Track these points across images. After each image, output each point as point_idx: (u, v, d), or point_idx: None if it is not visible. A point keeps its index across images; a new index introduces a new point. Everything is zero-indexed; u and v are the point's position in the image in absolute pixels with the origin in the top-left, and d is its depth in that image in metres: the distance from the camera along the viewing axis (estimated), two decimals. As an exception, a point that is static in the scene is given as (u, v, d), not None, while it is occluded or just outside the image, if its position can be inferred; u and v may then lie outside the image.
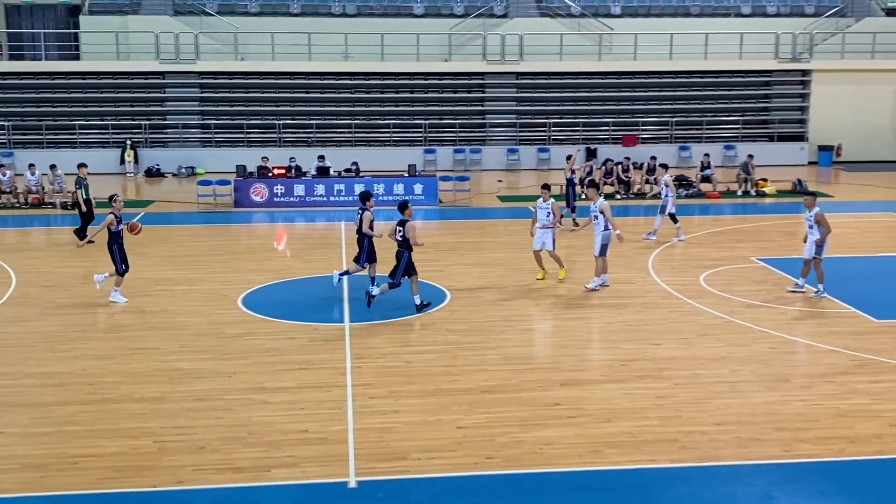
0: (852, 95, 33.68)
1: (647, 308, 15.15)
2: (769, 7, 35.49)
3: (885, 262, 18.44)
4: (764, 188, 27.16)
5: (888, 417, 10.55)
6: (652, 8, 35.25)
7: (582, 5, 34.55)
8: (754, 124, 34.52)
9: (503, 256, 18.98)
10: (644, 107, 34.32)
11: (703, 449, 9.77)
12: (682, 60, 33.43)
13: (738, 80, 34.61)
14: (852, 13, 35.10)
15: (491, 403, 11.01)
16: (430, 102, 33.81)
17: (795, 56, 33.80)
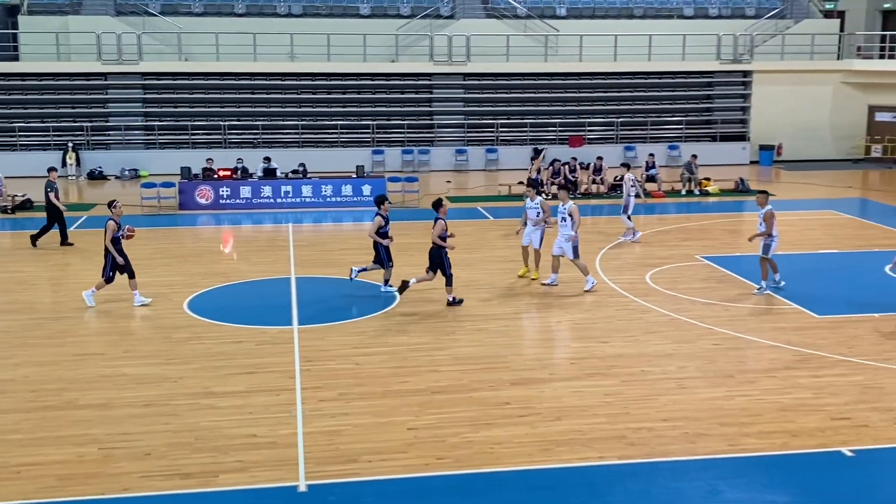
0: (792, 96, 34.39)
1: (595, 307, 15.30)
2: (711, 9, 36.08)
3: (825, 259, 18.87)
4: (707, 187, 27.60)
5: (829, 411, 10.79)
6: (596, 10, 35.60)
7: (527, 7, 34.76)
8: (697, 124, 35.06)
9: (452, 257, 18.98)
10: (590, 107, 34.64)
11: (650, 445, 9.90)
12: (626, 62, 33.82)
13: (682, 81, 35.12)
14: (791, 15, 35.84)
15: (441, 404, 11.02)
16: (378, 103, 33.74)
17: (737, 57, 34.42)
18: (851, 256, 19.01)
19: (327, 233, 22.67)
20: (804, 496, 8.86)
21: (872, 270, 17.67)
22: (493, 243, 20.46)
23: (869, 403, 11.01)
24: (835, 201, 25.85)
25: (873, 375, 11.98)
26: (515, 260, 18.60)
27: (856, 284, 16.82)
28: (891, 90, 33.93)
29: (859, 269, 17.83)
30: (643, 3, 36.00)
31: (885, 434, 10.16)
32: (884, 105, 34.38)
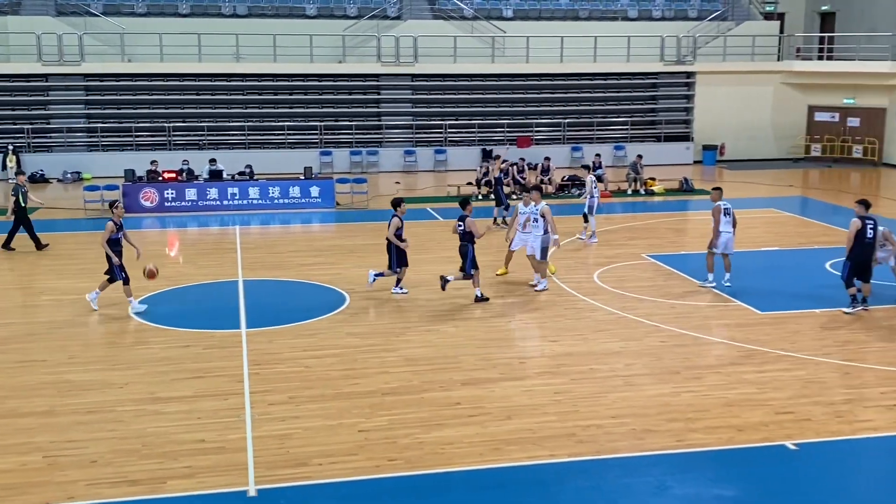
0: (734, 96, 35.02)
1: (544, 306, 15.41)
2: (654, 11, 36.58)
3: (767, 256, 19.24)
4: (652, 187, 27.98)
5: (773, 405, 11.02)
6: (542, 11, 35.87)
7: (474, 8, 34.88)
8: (642, 125, 35.52)
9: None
10: (537, 108, 34.88)
11: (599, 442, 10.00)
12: (572, 63, 34.11)
13: (627, 83, 35.54)
14: (733, 17, 36.49)
15: (392, 405, 11.01)
16: (325, 104, 33.56)
17: (680, 59, 34.95)
18: (793, 254, 19.42)
19: (275, 235, 22.49)
20: (750, 490, 9.03)
21: (813, 267, 18.07)
22: (444, 244, 20.48)
23: (811, 398, 11.26)
24: (776, 200, 26.38)
25: (815, 370, 12.26)
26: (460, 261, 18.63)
27: (797, 281, 17.19)
28: (829, 90, 34.75)
29: (800, 266, 18.22)
30: (588, 5, 36.36)
31: (827, 428, 10.40)
32: (822, 105, 35.19)
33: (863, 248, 14.76)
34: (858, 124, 34.60)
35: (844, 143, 34.86)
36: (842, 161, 34.47)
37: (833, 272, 17.41)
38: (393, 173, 32.01)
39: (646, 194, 27.61)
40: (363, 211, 24.78)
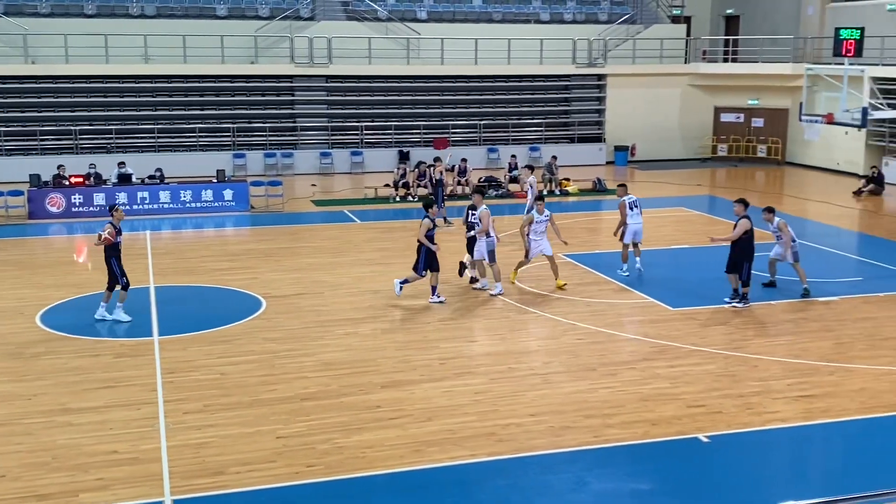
0: (644, 98, 35.78)
1: (462, 307, 15.48)
2: (566, 14, 37.11)
3: (677, 254, 19.72)
4: (567, 187, 28.39)
5: (686, 399, 11.30)
6: (456, 14, 36.03)
7: (388, 9, 34.83)
8: (556, 126, 35.99)
9: (319, 261, 18.85)
10: (453, 110, 35.02)
11: (519, 440, 10.10)
12: (486, 65, 34.36)
13: (540, 85, 35.97)
14: (641, 20, 37.28)
15: (311, 411, 10.91)
16: (238, 106, 33.04)
17: (591, 61, 35.54)
18: (701, 251, 19.93)
19: (187, 240, 22.04)
20: (665, 482, 9.24)
21: (721, 264, 18.55)
22: (361, 246, 20.40)
23: (721, 391, 11.58)
24: (685, 199, 27.05)
25: (724, 364, 12.62)
26: (383, 263, 18.61)
27: (706, 278, 17.66)
28: (734, 92, 35.81)
29: (709, 263, 18.70)
30: (501, 8, 36.68)
31: (737, 420, 10.71)
32: (728, 106, 36.24)
33: (751, 245, 15.27)
34: (762, 125, 35.75)
35: (749, 142, 35.97)
36: (747, 160, 35.56)
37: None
38: (309, 175, 31.72)
39: (560, 194, 27.99)
40: (278, 214, 24.48)
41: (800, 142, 32.89)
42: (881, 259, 19.08)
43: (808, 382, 11.88)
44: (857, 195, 27.73)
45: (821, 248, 20.21)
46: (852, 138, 30.83)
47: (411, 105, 34.55)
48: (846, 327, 14.31)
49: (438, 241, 15.64)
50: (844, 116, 19.59)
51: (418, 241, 15.59)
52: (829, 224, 23.38)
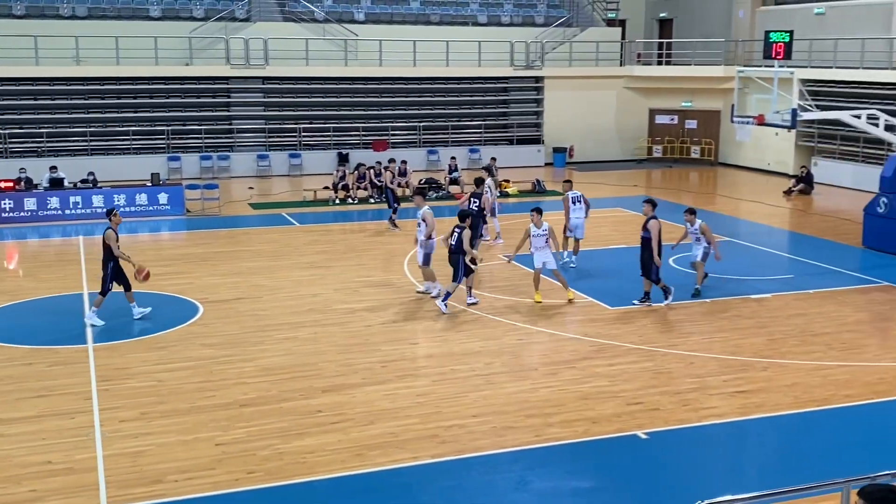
0: (581, 100, 36.17)
1: (403, 309, 15.45)
2: (503, 17, 37.34)
3: (615, 254, 19.96)
4: (507, 189, 28.54)
5: (625, 397, 11.44)
6: (394, 15, 35.98)
7: (325, 11, 34.63)
8: (495, 128, 36.17)
9: (257, 265, 18.64)
10: (392, 111, 34.97)
11: (462, 441, 10.11)
12: (425, 67, 34.37)
13: (479, 87, 36.12)
14: (577, 23, 37.69)
15: (250, 417, 10.77)
16: (172, 108, 32.51)
17: (529, 63, 35.81)
18: (639, 251, 20.18)
19: (121, 244, 21.55)
20: (605, 479, 9.35)
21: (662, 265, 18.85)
22: (301, 249, 20.24)
23: (659, 388, 11.76)
24: (622, 199, 27.42)
25: (662, 361, 12.82)
26: (323, 266, 18.50)
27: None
28: (668, 94, 36.43)
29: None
30: (439, 10, 36.75)
31: (675, 416, 10.88)
32: (662, 108, 36.84)
33: (660, 245, 15.53)
34: (696, 126, 36.43)
35: (683, 144, 36.61)
36: (681, 161, 36.19)
37: (677, 267, 18.25)
38: (246, 178, 31.35)
39: (500, 196, 28.08)
40: (215, 218, 24.14)
41: (732, 143, 33.58)
42: (811, 257, 19.59)
43: (742, 378, 12.13)
44: (788, 194, 28.43)
45: (753, 247, 20.68)
46: (782, 139, 31.61)
47: (350, 107, 34.40)
48: (778, 324, 14.65)
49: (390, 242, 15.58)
50: (775, 118, 20.06)
51: (452, 254, 15.30)
52: (761, 223, 23.93)
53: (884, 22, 29.71)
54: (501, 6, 37.96)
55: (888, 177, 19.92)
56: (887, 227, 19.77)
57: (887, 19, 29.54)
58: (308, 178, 30.60)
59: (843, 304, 15.83)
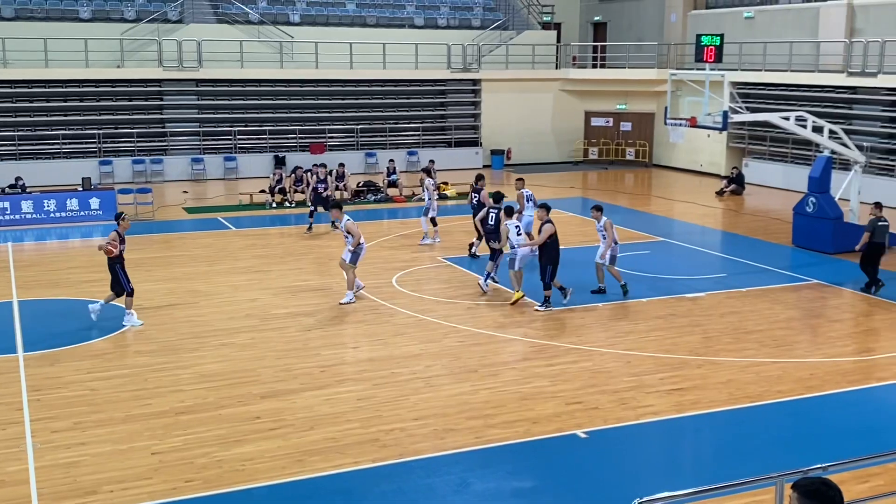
0: (517, 103, 36.42)
1: (343, 313, 15.36)
2: (440, 20, 37.41)
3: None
4: (445, 191, 28.58)
5: (564, 397, 11.54)
6: (330, 18, 35.78)
7: (260, 12, 34.29)
8: (433, 131, 36.22)
9: (193, 271, 18.36)
10: (329, 114, 34.74)
11: (403, 445, 10.09)
12: (362, 69, 34.24)
13: (416, 89, 36.12)
14: (513, 27, 37.95)
15: (188, 425, 10.60)
16: (104, 111, 31.81)
17: (466, 66, 35.94)
18: (576, 251, 20.41)
19: (52, 251, 21.08)
20: (545, 479, 9.41)
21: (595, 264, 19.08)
22: (237, 254, 19.98)
23: (598, 387, 11.89)
24: (559, 201, 27.64)
25: (600, 360, 12.97)
26: (261, 270, 18.30)
27: (581, 277, 18.11)
28: (603, 97, 36.90)
29: (584, 263, 19.16)
30: (375, 12, 36.67)
31: (613, 415, 11.01)
32: (597, 111, 37.30)
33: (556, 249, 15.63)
34: (630, 128, 36.96)
35: (618, 146, 37.12)
36: (617, 163, 36.69)
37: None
38: (180, 182, 30.86)
39: (439, 198, 28.14)
40: (149, 223, 23.70)
41: (666, 144, 34.17)
42: (743, 256, 20.02)
43: (678, 376, 12.33)
44: (720, 195, 29.02)
45: (687, 247, 21.06)
46: (714, 141, 32.26)
47: (286, 109, 34.10)
48: (713, 322, 14.94)
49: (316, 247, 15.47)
50: (706, 120, 20.43)
51: (492, 232, 16.80)
52: (694, 223, 24.38)
53: (810, 26, 30.54)
54: (438, 9, 38.04)
55: (816, 177, 20.47)
56: (816, 226, 20.32)
57: (814, 23, 30.38)
58: (244, 182, 30.25)
59: (774, 301, 16.21)
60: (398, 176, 28.86)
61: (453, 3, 38.79)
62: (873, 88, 27.60)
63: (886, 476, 9.03)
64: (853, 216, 20.92)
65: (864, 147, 26.04)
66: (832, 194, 20.53)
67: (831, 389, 11.91)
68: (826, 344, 13.86)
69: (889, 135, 27.71)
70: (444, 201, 27.78)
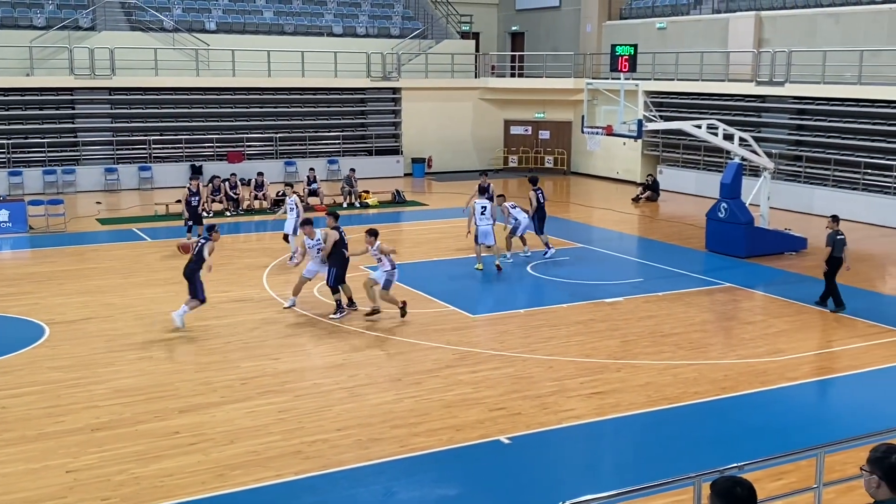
0: (438, 111, 36.57)
1: (264, 323, 15.17)
2: (359, 28, 37.33)
3: (473, 262, 20.22)
4: (367, 200, 28.53)
5: (488, 403, 11.61)
6: (247, 25, 35.35)
7: (175, 20, 33.67)
8: (353, 139, 36.09)
9: (107, 283, 17.89)
10: (247, 123, 34.31)
11: (326, 456, 10.00)
12: (280, 77, 33.92)
13: (336, 98, 35.94)
14: (432, 36, 38.10)
15: (103, 441, 10.31)
16: (13, 120, 30.79)
17: (386, 75, 35.94)
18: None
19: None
20: (470, 486, 9.45)
21: (515, 270, 19.29)
22: (153, 265, 19.56)
23: (520, 392, 12.00)
24: (481, 208, 27.83)
25: (522, 366, 13.08)
26: (178, 282, 17.92)
27: (503, 284, 18.29)
28: (522, 106, 37.33)
29: (505, 271, 19.35)
30: (293, 20, 36.38)
31: (536, 420, 11.12)
32: (517, 119, 37.72)
33: (344, 256, 15.70)
34: (549, 137, 37.47)
35: (538, 154, 37.58)
36: (536, 171, 37.05)
37: (533, 273, 18.69)
38: (93, 193, 30.05)
39: (361, 207, 28.08)
40: (60, 235, 23.01)
41: (583, 152, 34.73)
42: (659, 261, 20.47)
43: (598, 380, 12.53)
44: (636, 202, 29.62)
45: (605, 252, 21.43)
46: (630, 148, 32.93)
47: (203, 118, 33.54)
48: (631, 326, 15.23)
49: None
50: (622, 128, 20.83)
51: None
52: (612, 229, 24.84)
53: (720, 37, 31.45)
54: (357, 17, 37.96)
55: (727, 183, 21.07)
56: (727, 231, 20.90)
57: (723, 34, 31.30)
58: (159, 192, 29.64)
59: (689, 305, 16.62)
60: (318, 185, 28.67)
61: (372, 12, 38.76)
62: (781, 97, 28.58)
63: (798, 473, 9.33)
64: (763, 221, 21.59)
65: (773, 154, 26.95)
66: (743, 200, 21.15)
67: (745, 390, 12.25)
68: (739, 345, 14.26)
69: (796, 142, 28.71)
70: (366, 210, 27.72)
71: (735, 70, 30.17)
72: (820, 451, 7.13)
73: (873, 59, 25.62)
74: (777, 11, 30.03)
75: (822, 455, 7.15)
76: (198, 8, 35.31)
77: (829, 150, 27.24)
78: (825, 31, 27.92)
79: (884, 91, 25.14)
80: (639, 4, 36.63)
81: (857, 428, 9.83)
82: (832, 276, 16.08)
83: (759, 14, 30.19)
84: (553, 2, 40.33)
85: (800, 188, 27.34)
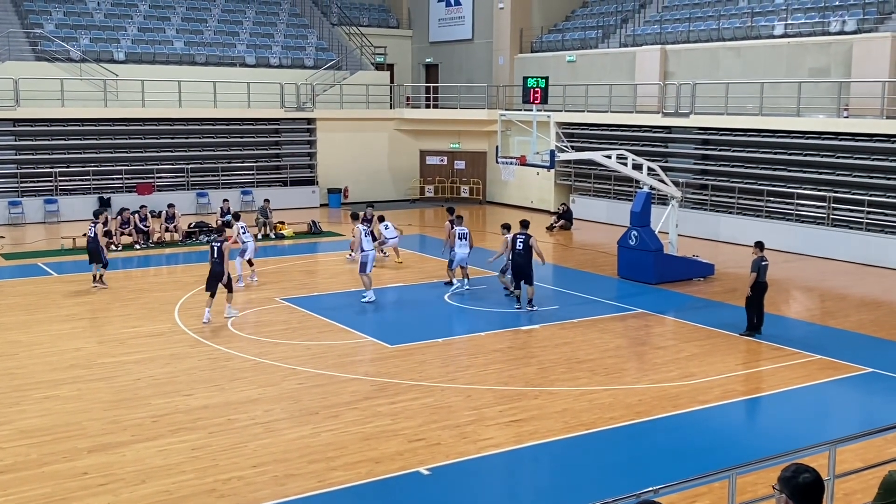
0: (353, 142, 36.55)
1: (175, 359, 14.81)
2: (272, 59, 37.13)
3: (392, 292, 20.21)
4: (282, 231, 28.25)
5: (407, 434, 11.55)
6: (157, 55, 34.80)
7: (82, 50, 32.93)
8: (268, 170, 35.76)
9: (11, 320, 17.24)
10: (158, 154, 33.67)
11: (241, 494, 9.79)
12: (191, 108, 33.44)
13: (250, 128, 35.59)
14: (346, 67, 38.16)
15: (8, 484, 9.88)
16: None
17: (300, 105, 35.79)
18: (414, 288, 20.61)
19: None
20: (390, 519, 9.35)
21: (433, 300, 19.33)
22: (60, 302, 18.94)
23: (439, 423, 11.98)
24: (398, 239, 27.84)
25: (441, 396, 13.07)
26: (86, 318, 17.41)
27: (421, 314, 18.29)
28: (437, 136, 37.60)
29: (422, 300, 19.39)
30: (205, 50, 35.98)
31: (455, 449, 11.11)
32: (432, 150, 37.96)
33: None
34: (464, 167, 37.79)
35: (453, 183, 37.84)
36: (452, 200, 37.30)
37: (450, 303, 18.75)
38: (-4, 227, 29.00)
39: (276, 238, 27.78)
40: (-39, 270, 22.10)
41: (498, 182, 35.10)
42: (573, 288, 20.79)
43: (516, 407, 12.60)
44: (550, 230, 30.07)
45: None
46: (543, 178, 33.46)
47: (111, 149, 32.79)
48: (547, 353, 15.39)
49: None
50: (535, 158, 21.17)
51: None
52: (528, 258, 25.07)
53: (628, 69, 32.33)
54: (270, 48, 37.77)
55: (637, 212, 21.57)
56: (638, 258, 21.38)
57: (631, 67, 32.18)
58: (66, 225, 28.77)
59: (603, 331, 16.89)
60: (232, 216, 28.25)
61: (285, 42, 38.62)
62: (686, 128, 29.50)
63: (711, 496, 9.53)
64: (672, 248, 22.16)
65: (680, 183, 27.72)
66: (652, 228, 21.68)
67: (658, 414, 12.48)
68: (652, 370, 14.55)
69: (702, 171, 29.62)
70: (282, 241, 27.43)
71: (642, 102, 31.03)
72: (732, 473, 7.29)
73: (773, 91, 26.70)
74: (681, 45, 31.06)
75: (734, 476, 7.32)
76: (106, 38, 34.63)
77: (733, 178, 28.19)
78: (727, 64, 28.99)
79: (783, 122, 26.18)
80: (549, 38, 37.41)
81: (767, 449, 10.09)
82: (759, 301, 16.46)
83: (665, 48, 31.16)
84: (466, 34, 40.86)
85: (706, 216, 28.17)
